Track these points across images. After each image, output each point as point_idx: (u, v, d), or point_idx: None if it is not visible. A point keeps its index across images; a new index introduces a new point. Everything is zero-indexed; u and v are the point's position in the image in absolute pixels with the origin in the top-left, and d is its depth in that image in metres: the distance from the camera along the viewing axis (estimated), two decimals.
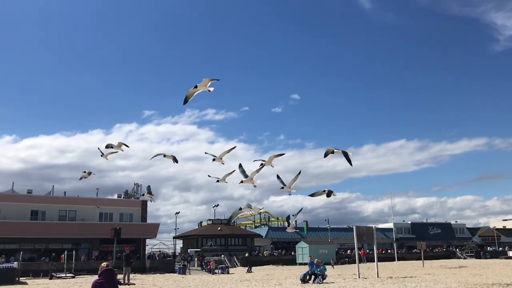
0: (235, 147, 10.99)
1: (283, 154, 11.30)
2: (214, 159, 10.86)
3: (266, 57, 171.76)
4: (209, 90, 10.74)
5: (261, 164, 11.33)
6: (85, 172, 12.97)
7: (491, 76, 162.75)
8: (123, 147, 12.45)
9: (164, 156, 12.28)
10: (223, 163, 10.86)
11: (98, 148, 12.77)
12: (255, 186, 11.72)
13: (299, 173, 11.33)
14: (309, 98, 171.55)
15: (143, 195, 12.89)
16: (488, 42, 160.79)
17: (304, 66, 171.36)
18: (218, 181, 11.45)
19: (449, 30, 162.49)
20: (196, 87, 10.40)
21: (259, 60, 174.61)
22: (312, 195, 11.27)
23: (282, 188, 11.62)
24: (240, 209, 11.21)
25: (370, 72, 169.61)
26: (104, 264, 8.98)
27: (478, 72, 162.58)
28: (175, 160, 12.21)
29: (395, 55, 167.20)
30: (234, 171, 11.42)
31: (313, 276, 23.75)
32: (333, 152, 11.02)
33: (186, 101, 10.55)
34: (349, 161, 11.12)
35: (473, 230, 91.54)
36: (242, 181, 11.43)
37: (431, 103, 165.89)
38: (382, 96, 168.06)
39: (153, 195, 12.71)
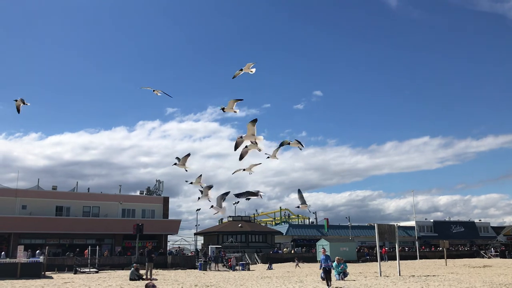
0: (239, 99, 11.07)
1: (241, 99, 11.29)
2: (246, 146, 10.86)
3: (289, 53, 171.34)
4: (235, 112, 11.03)
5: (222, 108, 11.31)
6: (17, 100, 12.24)
7: None
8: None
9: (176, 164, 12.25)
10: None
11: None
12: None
13: (282, 143, 11.26)
14: (331, 94, 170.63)
15: (175, 164, 12.24)
16: None
17: (327, 63, 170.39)
18: (267, 157, 11.31)
19: (477, 26, 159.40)
20: (223, 109, 10.76)
21: (282, 56, 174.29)
22: (281, 144, 11.04)
23: (298, 207, 11.66)
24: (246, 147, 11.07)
25: (394, 69, 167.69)
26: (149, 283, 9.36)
27: (505, 69, 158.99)
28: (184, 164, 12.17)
29: (420, 52, 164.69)
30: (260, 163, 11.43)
31: (334, 273, 23.72)
32: (289, 144, 10.94)
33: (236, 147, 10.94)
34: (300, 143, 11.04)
35: (498, 229, 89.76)
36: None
37: (457, 99, 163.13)
38: (406, 93, 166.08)
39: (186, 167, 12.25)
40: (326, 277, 18.42)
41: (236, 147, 10.83)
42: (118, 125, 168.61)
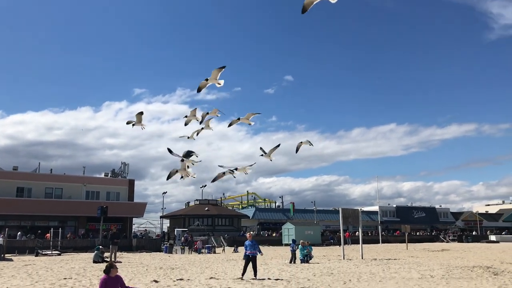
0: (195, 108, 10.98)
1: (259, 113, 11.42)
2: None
3: (260, 38, 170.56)
4: (218, 84, 10.74)
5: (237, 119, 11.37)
6: None
7: (484, 64, 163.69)
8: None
9: (133, 125, 12.00)
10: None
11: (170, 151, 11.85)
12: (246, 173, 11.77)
13: (279, 145, 11.37)
14: (302, 80, 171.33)
15: (132, 124, 11.77)
16: (483, 30, 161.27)
17: (298, 47, 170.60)
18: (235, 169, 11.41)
19: (445, 16, 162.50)
20: (206, 80, 10.42)
21: (253, 40, 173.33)
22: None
23: (262, 155, 11.56)
24: (223, 173, 11.08)
25: (363, 56, 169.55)
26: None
27: (471, 60, 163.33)
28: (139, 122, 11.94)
29: (389, 40, 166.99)
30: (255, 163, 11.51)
31: (299, 256, 24.11)
32: (238, 119, 11.17)
33: (199, 90, 10.66)
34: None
35: (457, 215, 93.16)
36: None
37: (424, 88, 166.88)
38: (374, 80, 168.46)
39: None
40: (246, 266, 15.57)
41: (199, 90, 10.71)
42: (84, 105, 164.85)
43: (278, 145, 11.59)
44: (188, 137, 11.57)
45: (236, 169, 11.30)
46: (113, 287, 9.68)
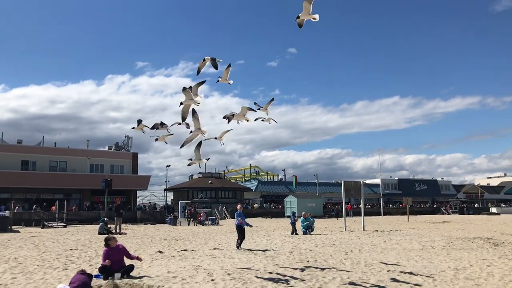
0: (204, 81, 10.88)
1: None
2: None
3: (263, 9, 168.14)
4: (229, 83, 10.91)
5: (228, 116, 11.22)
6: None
7: (490, 36, 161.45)
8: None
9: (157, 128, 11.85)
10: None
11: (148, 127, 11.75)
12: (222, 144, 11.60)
13: (273, 99, 11.34)
14: (306, 52, 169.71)
15: (156, 128, 11.61)
16: (490, 1, 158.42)
17: None
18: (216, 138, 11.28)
19: None
20: (204, 60, 10.43)
21: (256, 12, 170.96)
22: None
23: (259, 109, 11.45)
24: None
25: (367, 28, 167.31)
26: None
27: (477, 31, 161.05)
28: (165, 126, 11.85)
29: (393, 12, 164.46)
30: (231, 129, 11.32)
31: (301, 228, 24.42)
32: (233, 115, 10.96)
33: (198, 71, 10.71)
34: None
35: (459, 187, 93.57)
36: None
37: (428, 60, 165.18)
38: (378, 53, 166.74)
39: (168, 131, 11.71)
40: (240, 237, 16.21)
41: (198, 72, 10.74)
42: (86, 78, 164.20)
43: (272, 99, 11.43)
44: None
45: (215, 138, 11.22)
46: (116, 256, 9.93)
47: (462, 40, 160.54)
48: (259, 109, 11.40)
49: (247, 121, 11.33)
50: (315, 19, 9.32)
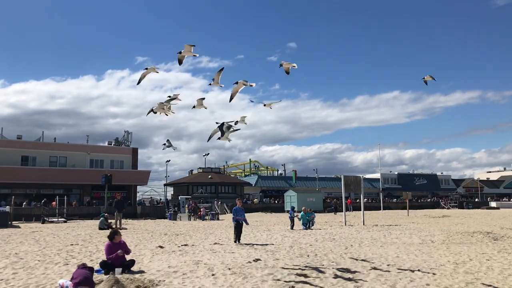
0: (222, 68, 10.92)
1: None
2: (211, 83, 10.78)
3: (263, 4, 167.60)
4: (194, 55, 10.94)
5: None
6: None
7: (491, 30, 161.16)
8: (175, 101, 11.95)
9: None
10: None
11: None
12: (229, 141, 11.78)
13: (222, 68, 11.38)
14: (306, 47, 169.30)
15: (164, 144, 12.36)
16: None
17: (302, 14, 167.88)
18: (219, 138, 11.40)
19: None
20: (180, 52, 10.55)
21: (256, 7, 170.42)
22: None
23: (236, 83, 11.48)
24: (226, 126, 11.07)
25: (367, 23, 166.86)
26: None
27: (477, 25, 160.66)
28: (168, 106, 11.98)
29: (393, 6, 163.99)
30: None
31: (301, 223, 24.46)
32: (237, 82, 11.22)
33: (180, 62, 10.79)
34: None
35: (458, 182, 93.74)
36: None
37: (428, 54, 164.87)
38: (378, 47, 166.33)
39: (175, 148, 12.56)
40: (237, 232, 16.46)
41: (180, 62, 10.85)
42: (86, 73, 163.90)
43: (222, 69, 11.28)
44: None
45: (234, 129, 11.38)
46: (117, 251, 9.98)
47: (463, 34, 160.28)
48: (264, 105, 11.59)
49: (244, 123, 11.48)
50: (294, 66, 10.27)
